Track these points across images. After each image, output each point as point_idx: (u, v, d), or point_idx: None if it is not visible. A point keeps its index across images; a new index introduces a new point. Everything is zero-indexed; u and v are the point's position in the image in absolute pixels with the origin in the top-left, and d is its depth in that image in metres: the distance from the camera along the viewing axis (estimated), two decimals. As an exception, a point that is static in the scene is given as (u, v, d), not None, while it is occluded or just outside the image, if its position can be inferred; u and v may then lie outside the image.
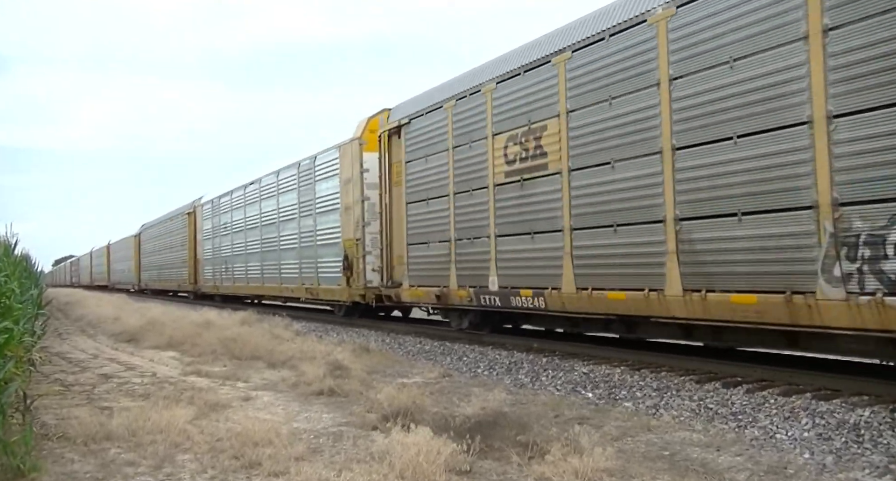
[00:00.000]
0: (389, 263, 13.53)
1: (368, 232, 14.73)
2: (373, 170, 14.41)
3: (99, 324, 18.36)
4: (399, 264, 13.17)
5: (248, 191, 22.51)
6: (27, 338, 7.90)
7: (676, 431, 5.95)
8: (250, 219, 22.28)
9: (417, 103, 12.79)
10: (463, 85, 11.47)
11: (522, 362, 9.62)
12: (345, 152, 15.66)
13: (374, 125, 14.61)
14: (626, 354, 9.20)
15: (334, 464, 4.87)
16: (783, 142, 6.58)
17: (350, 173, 15.30)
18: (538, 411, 6.66)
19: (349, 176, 15.36)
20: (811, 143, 6.32)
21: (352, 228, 15.17)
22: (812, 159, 6.31)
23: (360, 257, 14.81)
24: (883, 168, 5.82)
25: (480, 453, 5.06)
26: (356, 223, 14.97)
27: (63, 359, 11.22)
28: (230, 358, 10.79)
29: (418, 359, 10.78)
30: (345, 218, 15.55)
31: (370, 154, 14.52)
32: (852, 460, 4.99)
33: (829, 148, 6.17)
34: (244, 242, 22.80)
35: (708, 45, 7.28)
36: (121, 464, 5.05)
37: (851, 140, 6.04)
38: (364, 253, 14.74)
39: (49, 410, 6.90)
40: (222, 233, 25.29)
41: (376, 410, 6.42)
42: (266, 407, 7.16)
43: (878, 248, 5.84)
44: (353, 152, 15.23)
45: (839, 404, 6.19)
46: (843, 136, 6.10)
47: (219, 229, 25.76)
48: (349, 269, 15.13)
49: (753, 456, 5.16)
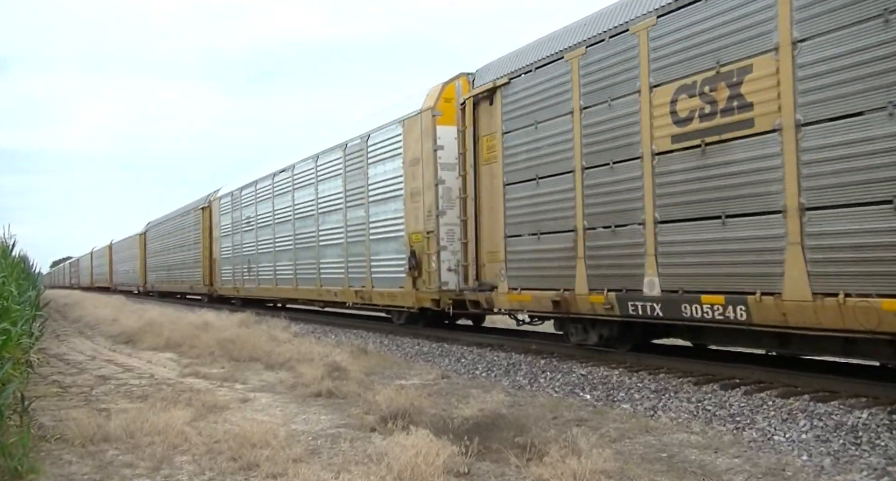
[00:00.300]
0: (476, 261, 10.84)
1: (444, 223, 12.11)
2: (449, 148, 11.90)
3: (97, 325, 18.35)
4: (492, 262, 10.51)
5: (279, 180, 19.66)
6: (25, 339, 7.90)
7: (674, 433, 5.95)
8: (281, 212, 19.50)
9: (520, 58, 10.05)
10: (596, 26, 8.72)
11: (521, 364, 9.62)
12: (410, 128, 12.91)
13: (449, 93, 12.21)
14: (624, 356, 9.19)
15: (332, 466, 4.87)
16: None
17: (418, 152, 12.62)
18: (536, 413, 6.66)
19: (416, 155, 12.67)
20: None
21: (420, 219, 12.55)
22: None
23: (433, 254, 12.18)
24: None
25: (478, 455, 5.06)
26: (427, 212, 12.40)
27: (61, 361, 11.21)
28: (228, 359, 10.79)
29: (416, 361, 10.78)
30: (410, 206, 12.90)
31: (445, 128, 12.05)
32: (850, 462, 4.99)
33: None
34: (272, 238, 20.09)
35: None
36: (119, 466, 5.05)
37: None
38: (438, 248, 12.08)
39: (47, 412, 6.89)
40: (244, 229, 22.62)
41: (374, 412, 6.42)
42: (264, 408, 7.15)
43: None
44: (423, 126, 12.51)
45: (837, 406, 6.19)
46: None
47: (240, 224, 23.08)
48: (416, 269, 12.50)
49: (751, 457, 5.16)
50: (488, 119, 10.56)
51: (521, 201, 9.86)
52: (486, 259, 10.72)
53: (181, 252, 30.94)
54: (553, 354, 10.02)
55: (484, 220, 10.73)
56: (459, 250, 11.44)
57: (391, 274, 13.53)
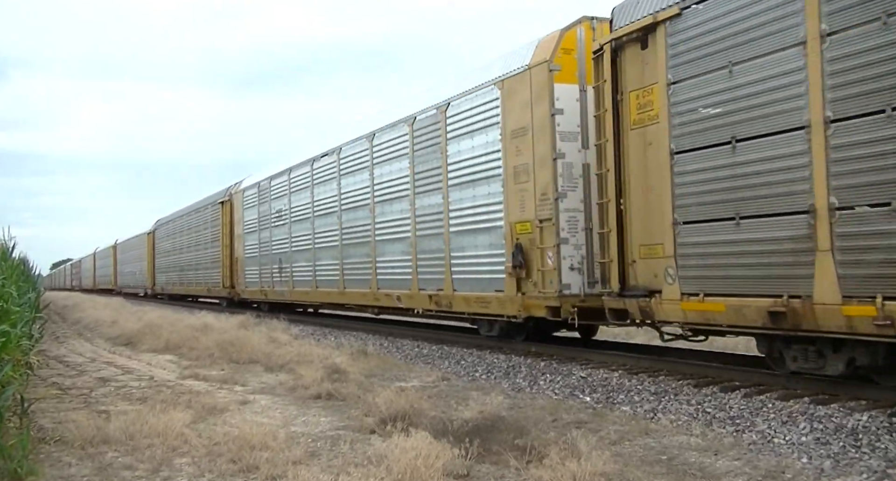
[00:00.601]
0: (621, 257, 8.38)
1: (564, 208, 9.46)
2: (570, 112, 9.49)
3: (96, 327, 18.36)
4: (647, 257, 8.09)
5: (320, 166, 17.03)
6: (25, 341, 7.89)
7: (674, 435, 5.95)
8: (323, 203, 16.82)
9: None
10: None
11: (520, 366, 9.62)
12: (513, 90, 10.19)
13: (569, 41, 9.59)
14: (624, 358, 9.19)
15: (332, 468, 4.86)
16: None
17: (525, 120, 9.92)
18: (536, 415, 6.66)
19: (523, 124, 9.96)
20: None
21: (529, 204, 9.85)
22: None
23: (549, 248, 9.48)
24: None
25: (478, 457, 5.06)
26: (540, 196, 9.66)
27: (60, 363, 11.21)
28: (228, 361, 10.79)
29: (416, 363, 10.78)
30: (512, 189, 10.18)
31: (565, 87, 9.54)
32: (850, 464, 4.99)
33: None
34: (311, 233, 17.49)
35: None
36: (118, 468, 5.05)
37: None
38: (558, 241, 9.37)
39: (46, 414, 6.89)
40: (275, 224, 20.05)
41: (374, 414, 6.42)
42: (264, 410, 7.15)
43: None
44: (533, 86, 9.78)
45: (837, 408, 6.19)
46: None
47: (269, 219, 20.50)
48: (523, 267, 9.83)
49: (751, 460, 5.16)
50: (639, 68, 8.17)
51: (703, 174, 7.32)
52: (636, 254, 8.23)
53: (196, 251, 28.55)
54: (553, 356, 10.01)
55: (633, 203, 8.28)
56: (583, 243, 9.34)
57: (483, 274, 10.82)
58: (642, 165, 8.15)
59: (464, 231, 11.33)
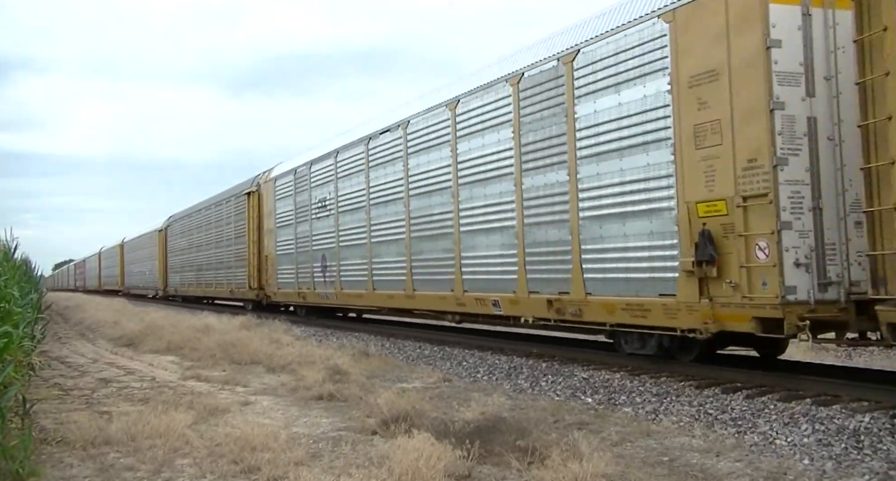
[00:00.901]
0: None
1: (784, 179, 6.77)
2: (790, 45, 6.84)
3: (98, 328, 18.38)
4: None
5: (377, 145, 14.29)
6: (27, 342, 7.90)
7: (676, 436, 5.94)
8: (380, 189, 14.07)
9: None
10: None
11: (522, 367, 9.62)
12: (691, 19, 7.56)
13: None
14: (626, 360, 9.18)
15: (333, 469, 4.87)
16: None
17: (716, 58, 7.25)
18: (538, 416, 6.66)
19: (712, 65, 7.29)
20: None
21: (723, 175, 7.20)
22: None
23: (762, 236, 6.85)
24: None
25: (480, 458, 5.06)
26: (746, 162, 6.99)
27: (62, 364, 11.22)
28: (229, 362, 10.80)
29: (418, 364, 10.78)
30: (692, 156, 7.50)
31: (782, 7, 6.87)
32: (852, 466, 4.99)
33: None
34: (365, 225, 14.66)
35: None
36: (120, 469, 5.05)
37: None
38: (779, 226, 6.70)
39: (48, 414, 6.90)
40: (315, 216, 17.34)
41: (376, 415, 6.42)
42: (265, 411, 7.16)
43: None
44: (734, 7, 7.11)
45: (839, 410, 6.18)
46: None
47: (308, 210, 17.78)
48: (714, 262, 7.15)
49: (753, 461, 5.15)
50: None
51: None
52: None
53: (216, 249, 25.84)
54: (554, 358, 10.00)
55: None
56: (811, 229, 6.79)
57: (638, 272, 8.19)
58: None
59: (605, 215, 8.65)
